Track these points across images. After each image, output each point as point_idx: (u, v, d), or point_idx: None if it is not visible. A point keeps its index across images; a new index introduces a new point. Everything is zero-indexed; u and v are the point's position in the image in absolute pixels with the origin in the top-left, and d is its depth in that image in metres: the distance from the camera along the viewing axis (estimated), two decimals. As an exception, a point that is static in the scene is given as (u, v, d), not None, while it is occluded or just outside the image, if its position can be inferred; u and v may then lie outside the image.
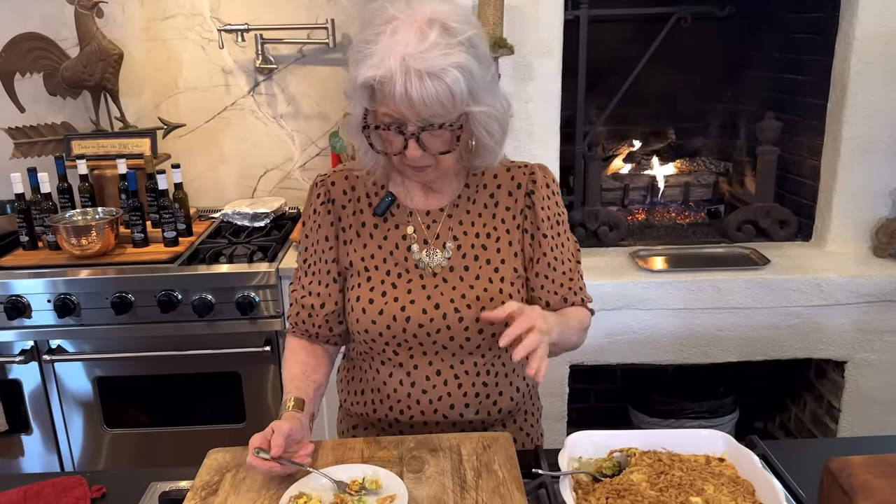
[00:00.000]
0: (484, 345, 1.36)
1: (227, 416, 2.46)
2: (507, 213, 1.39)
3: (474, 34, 1.20)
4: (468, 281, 1.36)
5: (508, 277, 1.37)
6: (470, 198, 1.40)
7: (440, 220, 1.39)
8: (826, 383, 2.54)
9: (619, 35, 2.79)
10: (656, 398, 2.76)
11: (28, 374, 2.40)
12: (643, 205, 2.94)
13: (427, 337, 1.35)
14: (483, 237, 1.38)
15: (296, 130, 2.90)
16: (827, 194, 2.50)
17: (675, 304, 2.37)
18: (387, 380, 1.40)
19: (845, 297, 2.34)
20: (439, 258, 1.37)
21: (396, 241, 1.38)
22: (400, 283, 1.36)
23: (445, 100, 1.16)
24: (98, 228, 2.38)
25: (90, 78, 2.66)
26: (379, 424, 1.45)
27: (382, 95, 1.17)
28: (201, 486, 1.20)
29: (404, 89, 1.14)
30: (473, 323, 1.34)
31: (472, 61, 1.17)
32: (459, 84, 1.15)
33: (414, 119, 1.19)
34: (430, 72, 1.13)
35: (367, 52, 1.17)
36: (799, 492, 1.16)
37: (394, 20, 1.16)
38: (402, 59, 1.13)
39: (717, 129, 3.08)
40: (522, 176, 1.41)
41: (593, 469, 1.18)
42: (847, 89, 2.36)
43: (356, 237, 1.40)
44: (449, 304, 1.34)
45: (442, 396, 1.38)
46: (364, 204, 1.41)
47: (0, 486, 1.31)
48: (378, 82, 1.16)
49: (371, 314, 1.35)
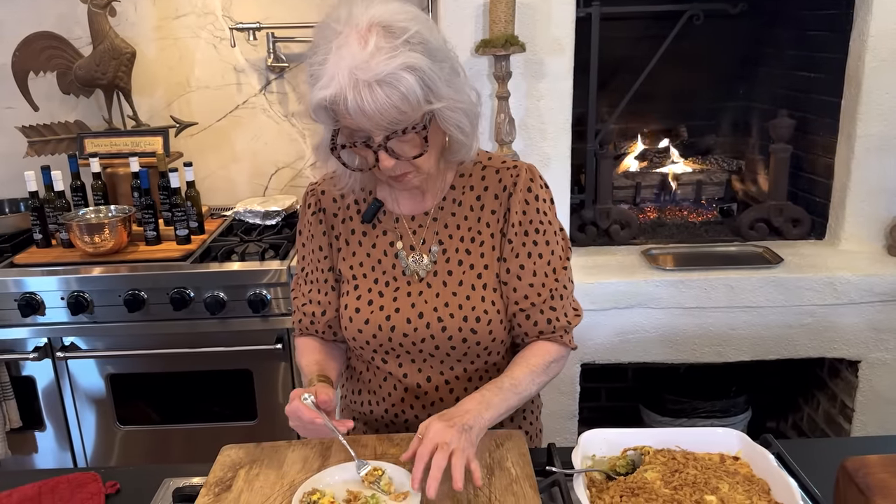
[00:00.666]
0: (471, 352, 1.34)
1: (238, 414, 2.47)
2: (493, 216, 1.35)
3: (420, 29, 1.14)
4: (451, 287, 1.33)
5: (491, 284, 1.33)
6: (456, 199, 1.36)
7: (426, 224, 1.37)
8: (839, 383, 2.52)
9: (631, 32, 2.78)
10: (668, 397, 2.74)
11: (42, 371, 2.41)
12: (655, 203, 2.93)
13: (413, 346, 1.34)
14: (467, 241, 1.35)
15: (307, 129, 2.91)
16: (841, 192, 2.48)
17: (688, 303, 2.36)
18: (381, 384, 1.41)
19: (859, 296, 2.32)
20: (425, 262, 1.35)
21: (384, 248, 1.37)
22: (387, 292, 1.35)
23: (401, 104, 1.11)
24: (111, 226, 2.39)
25: (103, 76, 2.67)
26: (376, 424, 1.45)
27: (339, 114, 1.14)
28: (215, 482, 1.20)
29: (356, 103, 1.10)
30: (457, 332, 1.32)
31: (422, 58, 1.12)
32: (412, 85, 1.10)
33: (376, 130, 1.14)
34: (378, 80, 1.09)
35: (318, 74, 1.13)
36: (815, 491, 1.15)
37: (338, 36, 1.12)
38: (349, 73, 1.09)
39: (729, 126, 3.06)
40: (509, 178, 1.35)
41: (607, 467, 1.18)
42: (861, 87, 2.34)
43: (346, 245, 1.40)
44: (432, 312, 1.32)
45: (435, 402, 1.38)
46: (353, 211, 1.40)
47: (15, 481, 1.32)
48: (331, 102, 1.12)
49: (357, 323, 1.35)
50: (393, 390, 1.40)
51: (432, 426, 1.14)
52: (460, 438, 1.12)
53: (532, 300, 1.34)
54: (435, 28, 1.20)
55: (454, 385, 1.37)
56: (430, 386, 1.37)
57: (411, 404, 1.39)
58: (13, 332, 2.36)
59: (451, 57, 1.21)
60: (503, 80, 2.27)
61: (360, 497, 1.12)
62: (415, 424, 1.37)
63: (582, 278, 2.34)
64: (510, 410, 1.27)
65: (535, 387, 1.32)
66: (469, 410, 1.19)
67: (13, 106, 2.81)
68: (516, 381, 1.28)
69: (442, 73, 1.16)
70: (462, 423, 1.15)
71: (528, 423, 1.51)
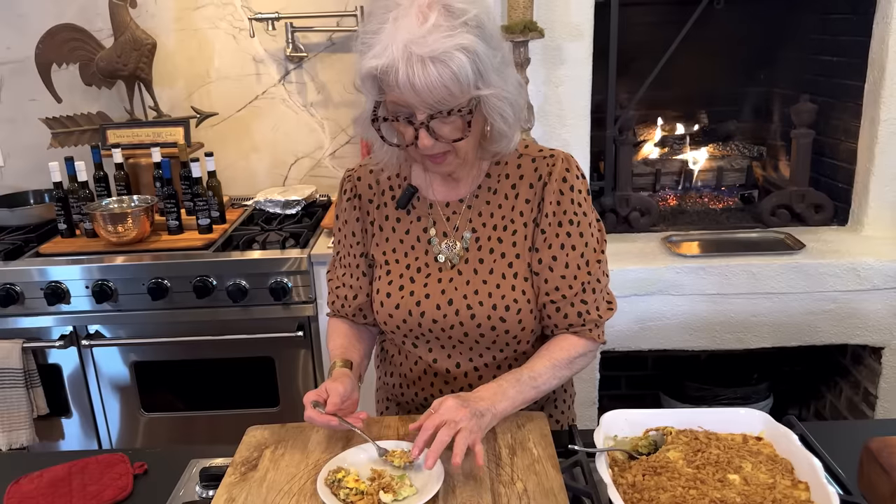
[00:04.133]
0: (500, 340, 1.34)
1: (261, 400, 2.49)
2: (527, 205, 1.34)
3: (480, 13, 1.14)
4: (482, 275, 1.33)
5: (522, 273, 1.32)
6: (491, 188, 1.35)
7: (460, 211, 1.36)
8: (862, 370, 2.50)
9: (650, 17, 2.77)
10: (689, 384, 2.74)
11: (67, 359, 2.45)
12: (675, 190, 2.91)
13: (442, 332, 1.34)
14: (500, 230, 1.34)
15: (326, 118, 2.92)
16: (864, 177, 2.46)
17: (709, 290, 2.35)
18: (412, 367, 1.42)
19: (883, 282, 2.30)
20: (458, 249, 1.35)
21: (418, 234, 1.38)
22: (418, 278, 1.36)
23: (451, 84, 1.10)
24: (134, 216, 2.41)
25: (124, 68, 2.70)
26: (407, 406, 1.47)
27: (387, 85, 1.14)
28: (241, 461, 1.22)
29: (407, 77, 1.09)
30: (486, 320, 1.31)
31: (479, 42, 1.12)
32: (465, 67, 1.10)
33: (421, 107, 1.14)
34: (432, 56, 1.08)
35: (371, 43, 1.13)
36: (838, 470, 1.15)
37: (396, 7, 1.12)
38: (404, 46, 1.09)
39: (750, 112, 3.03)
40: (545, 167, 1.33)
41: (629, 447, 1.18)
42: (885, 70, 2.31)
43: (379, 231, 1.40)
44: (462, 300, 1.32)
45: (464, 387, 1.38)
46: (388, 197, 1.40)
47: (43, 462, 1.35)
48: (381, 72, 1.12)
49: (388, 308, 1.36)
50: (423, 374, 1.41)
51: (445, 403, 1.16)
52: (469, 420, 1.13)
53: (563, 292, 1.32)
54: (493, 14, 1.20)
55: (483, 372, 1.38)
56: (460, 372, 1.38)
57: (441, 389, 1.40)
58: (39, 321, 2.40)
59: (503, 46, 1.21)
60: (522, 66, 2.27)
61: (384, 475, 1.13)
62: None
63: (602, 265, 2.33)
64: (526, 403, 1.27)
65: (556, 381, 1.31)
66: (484, 398, 1.20)
67: (37, 98, 2.85)
68: (535, 374, 1.28)
69: (494, 60, 1.16)
70: (475, 407, 1.16)
71: (559, 412, 1.51)
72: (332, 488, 1.11)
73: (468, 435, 1.12)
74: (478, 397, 1.20)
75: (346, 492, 1.10)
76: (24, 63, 2.79)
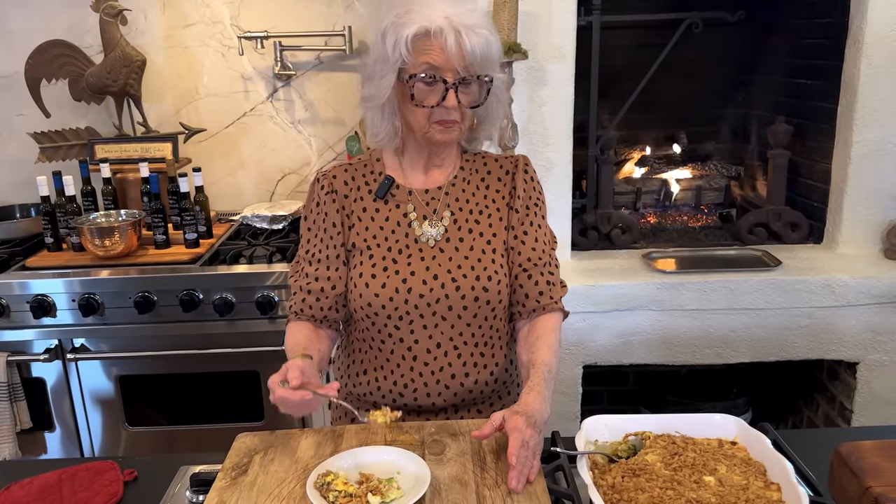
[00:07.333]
0: (480, 313, 1.44)
1: (246, 415, 2.50)
2: (498, 194, 1.52)
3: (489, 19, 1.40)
4: (463, 252, 1.45)
5: (499, 250, 1.47)
6: (465, 178, 1.51)
7: (439, 196, 1.49)
8: (838, 384, 2.56)
9: (631, 41, 2.84)
10: (669, 399, 2.78)
11: (51, 373, 2.45)
12: (655, 208, 2.97)
13: (427, 307, 1.42)
14: (476, 213, 1.49)
15: (313, 135, 2.96)
16: (838, 197, 2.53)
17: (688, 305, 2.40)
18: (389, 357, 1.46)
19: (857, 299, 2.36)
20: (438, 229, 1.46)
21: (398, 219, 1.47)
22: (401, 259, 1.44)
23: (487, 52, 1.32)
24: (121, 230, 2.43)
25: (114, 84, 2.73)
26: (383, 401, 1.48)
27: (429, 47, 1.31)
28: (231, 466, 1.24)
29: (455, 40, 1.29)
30: (469, 291, 1.42)
31: (495, 34, 1.36)
32: (494, 43, 1.34)
33: (455, 71, 1.32)
34: (472, 27, 1.31)
35: (408, 15, 1.32)
36: (808, 473, 1.19)
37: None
38: (445, 17, 1.30)
39: (728, 133, 3.11)
40: (509, 163, 1.54)
41: (609, 451, 1.22)
42: (857, 93, 2.39)
43: (358, 221, 1.48)
44: (446, 274, 1.43)
45: (443, 367, 1.44)
46: (364, 192, 1.50)
47: (33, 470, 1.36)
48: (431, 34, 1.30)
49: (374, 288, 1.42)
50: (401, 360, 1.45)
51: (517, 422, 1.20)
52: (539, 438, 1.21)
53: (534, 262, 1.48)
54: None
55: (462, 350, 1.45)
56: (440, 352, 1.44)
57: (420, 372, 1.45)
58: (24, 334, 2.40)
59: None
60: (507, 86, 2.32)
61: (372, 479, 1.16)
62: (423, 394, 1.45)
63: (583, 281, 2.38)
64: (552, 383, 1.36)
65: (558, 361, 1.43)
66: (539, 409, 1.26)
67: (25, 113, 2.87)
68: (551, 367, 1.38)
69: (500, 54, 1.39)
70: (536, 421, 1.23)
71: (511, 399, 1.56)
72: (322, 491, 1.13)
73: (538, 458, 1.19)
74: (533, 409, 1.25)
75: (335, 494, 1.12)
76: (12, 78, 2.81)
